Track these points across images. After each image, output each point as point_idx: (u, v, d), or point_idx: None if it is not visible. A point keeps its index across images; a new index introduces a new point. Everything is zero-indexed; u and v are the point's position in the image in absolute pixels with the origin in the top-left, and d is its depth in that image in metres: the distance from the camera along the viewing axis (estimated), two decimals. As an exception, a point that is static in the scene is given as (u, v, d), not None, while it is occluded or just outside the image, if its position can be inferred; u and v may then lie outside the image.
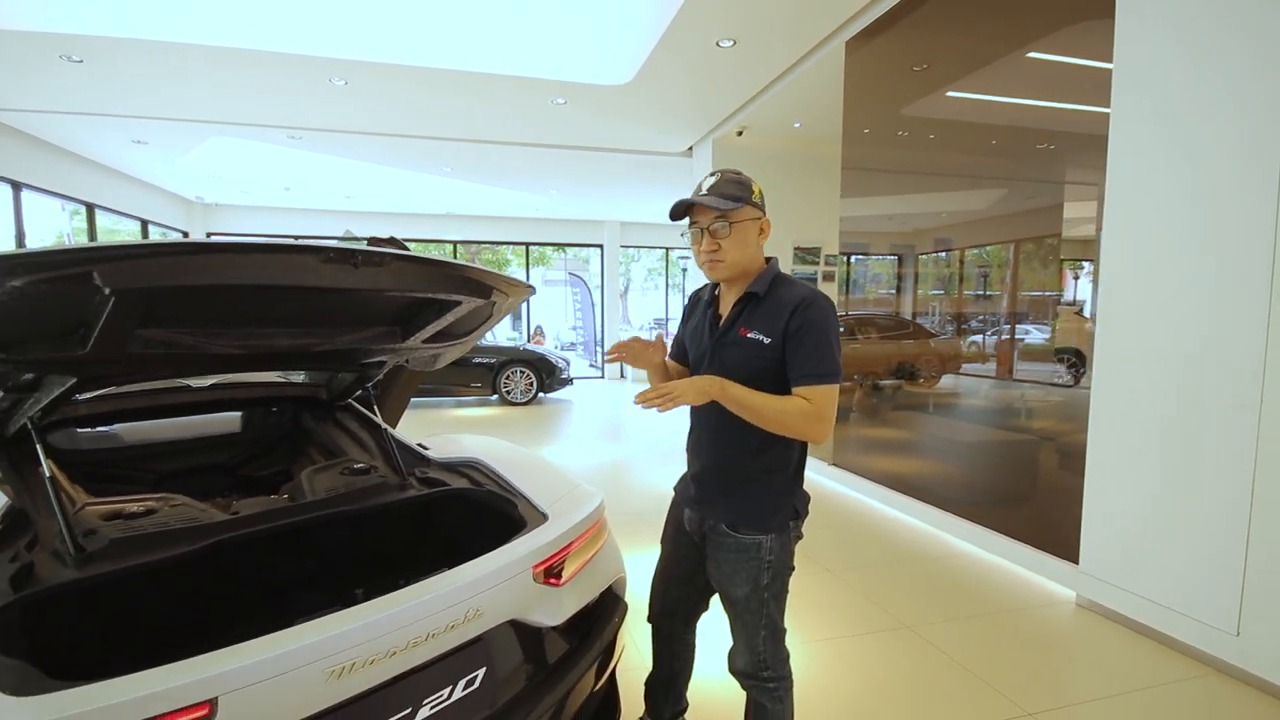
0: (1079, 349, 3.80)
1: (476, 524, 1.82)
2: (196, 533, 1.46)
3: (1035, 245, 4.32)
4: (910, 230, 5.40)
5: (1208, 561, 2.42)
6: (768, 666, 1.58)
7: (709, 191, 1.50)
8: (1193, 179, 2.45)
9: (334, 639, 1.06)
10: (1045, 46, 3.71)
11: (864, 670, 2.40)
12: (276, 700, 1.01)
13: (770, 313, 1.48)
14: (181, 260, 1.09)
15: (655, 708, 1.88)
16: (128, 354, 1.30)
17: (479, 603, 1.29)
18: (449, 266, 1.43)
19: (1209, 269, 2.40)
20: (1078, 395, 3.48)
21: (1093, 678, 2.38)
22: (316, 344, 1.62)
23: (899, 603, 2.95)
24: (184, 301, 1.22)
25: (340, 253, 1.18)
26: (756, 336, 1.48)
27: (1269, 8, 2.21)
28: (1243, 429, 2.29)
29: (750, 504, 1.54)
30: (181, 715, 0.92)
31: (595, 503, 1.76)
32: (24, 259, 0.96)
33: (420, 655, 1.20)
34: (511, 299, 1.67)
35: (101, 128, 6.89)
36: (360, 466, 1.93)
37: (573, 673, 1.49)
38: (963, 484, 4.21)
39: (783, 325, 1.45)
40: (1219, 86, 2.36)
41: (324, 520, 1.66)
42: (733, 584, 1.56)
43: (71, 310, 1.14)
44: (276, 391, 2.34)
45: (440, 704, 1.25)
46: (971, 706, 2.17)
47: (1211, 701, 2.23)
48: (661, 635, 1.84)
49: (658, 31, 4.55)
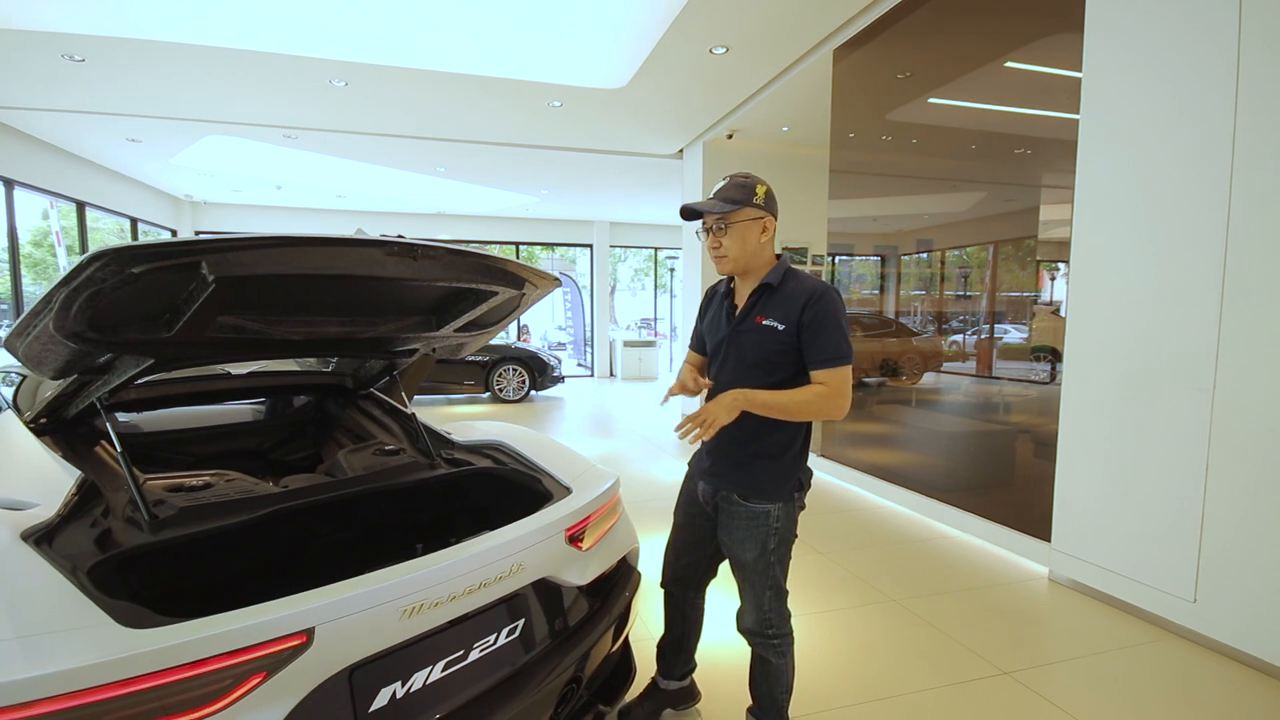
0: (1055, 348, 4.03)
1: (504, 498, 1.97)
2: (255, 503, 1.61)
3: (1014, 247, 4.54)
4: (893, 232, 5.62)
5: (1168, 536, 2.63)
6: (772, 625, 1.75)
7: (714, 196, 1.70)
8: (1154, 182, 2.67)
9: (407, 582, 1.22)
10: (1022, 56, 3.94)
11: (857, 637, 2.59)
12: (360, 633, 1.17)
13: (784, 302, 1.66)
14: (273, 252, 1.23)
15: (666, 667, 2.04)
16: (204, 338, 1.45)
17: (521, 558, 1.46)
18: (490, 259, 1.59)
19: (1169, 265, 2.62)
20: (1053, 391, 3.72)
21: (1062, 642, 2.59)
22: (360, 331, 1.77)
23: (886, 580, 3.15)
24: (262, 290, 1.36)
25: (404, 246, 1.33)
26: (771, 323, 1.65)
27: (1214, 30, 2.43)
28: (1198, 412, 2.51)
29: (759, 476, 1.71)
30: (287, 640, 1.08)
31: (612, 480, 1.92)
32: (147, 250, 1.10)
33: (473, 603, 1.36)
34: (540, 290, 1.82)
35: (96, 126, 6.92)
36: (391, 448, 2.08)
37: (595, 631, 1.65)
38: (945, 472, 4.43)
39: (797, 315, 1.62)
40: (1175, 97, 2.58)
41: (364, 494, 1.81)
42: (743, 548, 1.73)
43: (168, 296, 1.28)
44: (305, 380, 2.47)
45: (488, 649, 1.41)
46: (953, 667, 2.36)
47: (1171, 662, 2.44)
48: (673, 600, 2.00)
49: (654, 37, 4.72)
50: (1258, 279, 2.33)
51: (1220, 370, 2.44)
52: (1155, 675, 2.35)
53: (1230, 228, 2.40)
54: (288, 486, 1.76)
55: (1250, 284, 2.35)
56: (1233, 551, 2.43)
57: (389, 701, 1.23)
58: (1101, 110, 2.89)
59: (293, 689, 1.10)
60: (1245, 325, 2.37)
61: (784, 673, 1.79)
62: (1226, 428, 2.43)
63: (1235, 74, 2.37)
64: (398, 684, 1.25)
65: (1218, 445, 2.46)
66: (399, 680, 1.25)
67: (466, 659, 1.37)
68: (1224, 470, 2.45)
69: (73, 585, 1.15)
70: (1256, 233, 2.33)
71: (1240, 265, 2.37)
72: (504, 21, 4.72)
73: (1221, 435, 2.45)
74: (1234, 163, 2.38)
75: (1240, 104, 2.36)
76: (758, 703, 1.85)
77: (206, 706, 1.03)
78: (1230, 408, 2.42)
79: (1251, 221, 2.34)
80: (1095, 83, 2.92)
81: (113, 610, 1.08)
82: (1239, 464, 2.40)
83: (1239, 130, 2.36)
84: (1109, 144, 2.85)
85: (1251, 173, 2.33)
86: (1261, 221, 2.31)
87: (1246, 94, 2.34)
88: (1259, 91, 2.31)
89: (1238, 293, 2.39)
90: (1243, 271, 2.37)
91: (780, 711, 1.82)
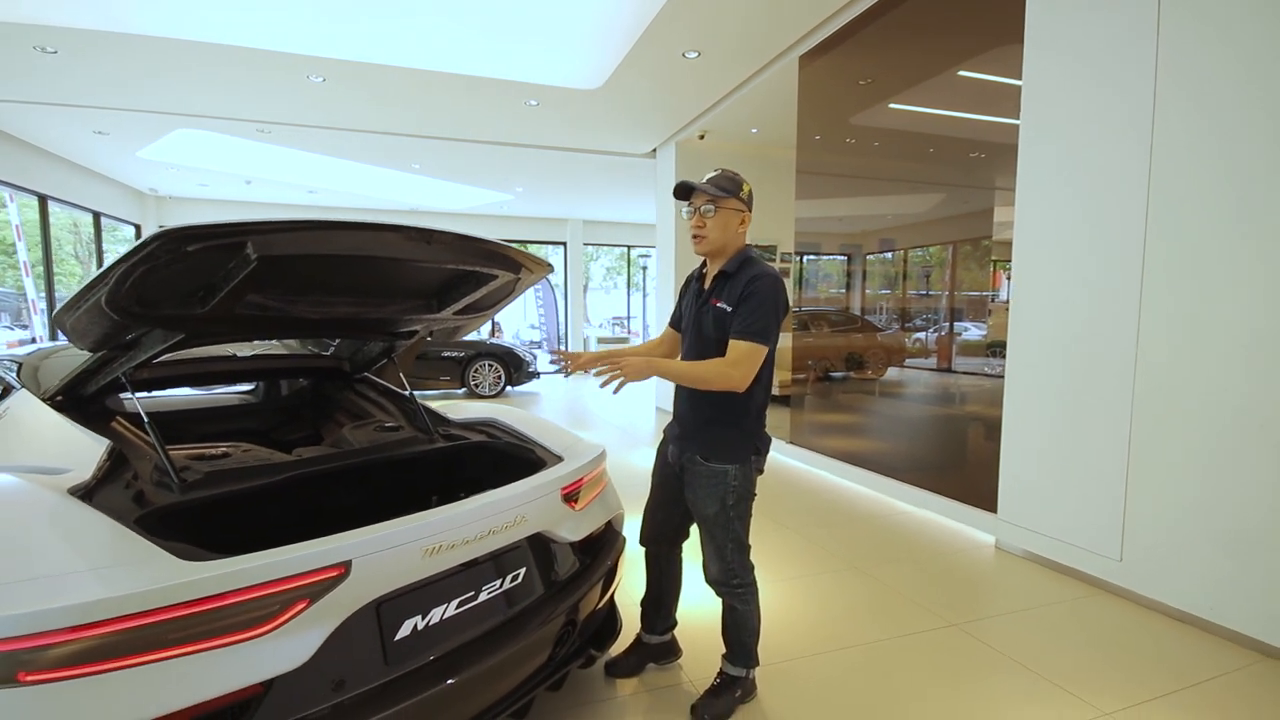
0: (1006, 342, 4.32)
1: (500, 468, 2.14)
2: (273, 469, 1.75)
3: (971, 247, 4.84)
4: (858, 231, 5.90)
5: (1097, 503, 2.92)
6: (735, 575, 1.95)
7: (707, 181, 1.89)
8: (1084, 183, 2.96)
9: (429, 524, 1.40)
10: (973, 66, 4.23)
11: (816, 599, 2.82)
12: (390, 567, 1.34)
13: (733, 286, 1.86)
14: (311, 234, 1.38)
15: (649, 622, 2.23)
16: (231, 314, 1.59)
17: (524, 511, 1.64)
18: (492, 244, 1.76)
19: (1097, 259, 2.91)
20: (1001, 385, 4.02)
21: (1004, 598, 2.86)
22: (368, 312, 1.92)
23: (848, 550, 3.39)
24: (290, 269, 1.50)
25: (420, 231, 1.50)
26: (723, 305, 1.86)
27: (1135, 46, 2.72)
28: (1121, 391, 2.80)
29: (718, 440, 1.90)
30: (327, 572, 1.24)
31: (599, 450, 2.11)
32: (202, 230, 1.24)
33: (483, 548, 1.53)
34: (534, 275, 1.99)
35: (63, 118, 6.83)
36: (391, 425, 2.23)
37: (586, 582, 1.84)
38: (904, 456, 4.72)
39: (738, 294, 1.82)
40: (1101, 105, 2.87)
41: (372, 464, 1.96)
42: (705, 504, 1.92)
43: (208, 274, 1.42)
44: (306, 363, 2.60)
45: (494, 592, 1.59)
46: (905, 621, 2.61)
47: (1100, 613, 2.73)
48: (651, 557, 2.20)
49: (629, 41, 4.91)
50: (1170, 270, 2.62)
51: (1140, 353, 2.74)
52: (1085, 624, 2.63)
53: (1148, 225, 2.69)
54: (302, 456, 1.90)
55: (1163, 275, 2.65)
56: (1152, 514, 2.72)
57: (411, 632, 1.40)
58: (1037, 117, 3.17)
59: (331, 616, 1.27)
60: (1161, 312, 2.66)
61: (749, 618, 2.00)
62: (1146, 404, 2.73)
63: (1153, 87, 2.66)
64: (418, 617, 1.42)
65: (1139, 420, 2.75)
66: (420, 614, 1.42)
67: (476, 600, 1.55)
68: (1144, 443, 2.74)
69: (129, 529, 1.29)
70: (1169, 229, 2.62)
71: (1155, 258, 2.67)
72: (484, 21, 4.86)
73: (1142, 411, 2.74)
74: (1151, 168, 2.67)
75: (1157, 114, 2.65)
76: (729, 647, 2.05)
77: (259, 627, 1.19)
78: (1149, 386, 2.71)
79: (1164, 219, 2.63)
80: (1033, 91, 3.20)
81: (169, 549, 1.23)
82: (1157, 437, 2.69)
83: (1155, 136, 2.65)
84: (1044, 146, 3.14)
85: (1165, 175, 2.63)
86: (1172, 219, 2.61)
87: (1162, 108, 2.63)
88: (1177, 95, 2.60)
89: (1153, 282, 2.68)
90: (1157, 264, 2.66)
91: (748, 653, 2.03)
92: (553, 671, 1.73)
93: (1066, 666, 2.29)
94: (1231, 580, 2.46)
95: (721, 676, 2.05)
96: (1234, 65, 2.42)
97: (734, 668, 2.03)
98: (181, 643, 1.12)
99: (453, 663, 1.44)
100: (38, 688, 1.04)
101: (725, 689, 2.02)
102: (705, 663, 2.23)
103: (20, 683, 1.03)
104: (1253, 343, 2.38)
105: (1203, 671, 2.27)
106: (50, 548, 1.23)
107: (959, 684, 2.19)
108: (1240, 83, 2.39)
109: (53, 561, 1.18)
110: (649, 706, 2.07)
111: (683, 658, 2.29)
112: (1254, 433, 2.38)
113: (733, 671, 2.03)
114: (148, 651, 1.09)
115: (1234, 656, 2.37)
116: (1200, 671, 2.27)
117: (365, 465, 1.96)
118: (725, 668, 2.05)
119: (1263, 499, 2.36)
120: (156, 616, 1.10)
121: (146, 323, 1.50)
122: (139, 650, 1.09)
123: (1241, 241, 2.40)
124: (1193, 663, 2.33)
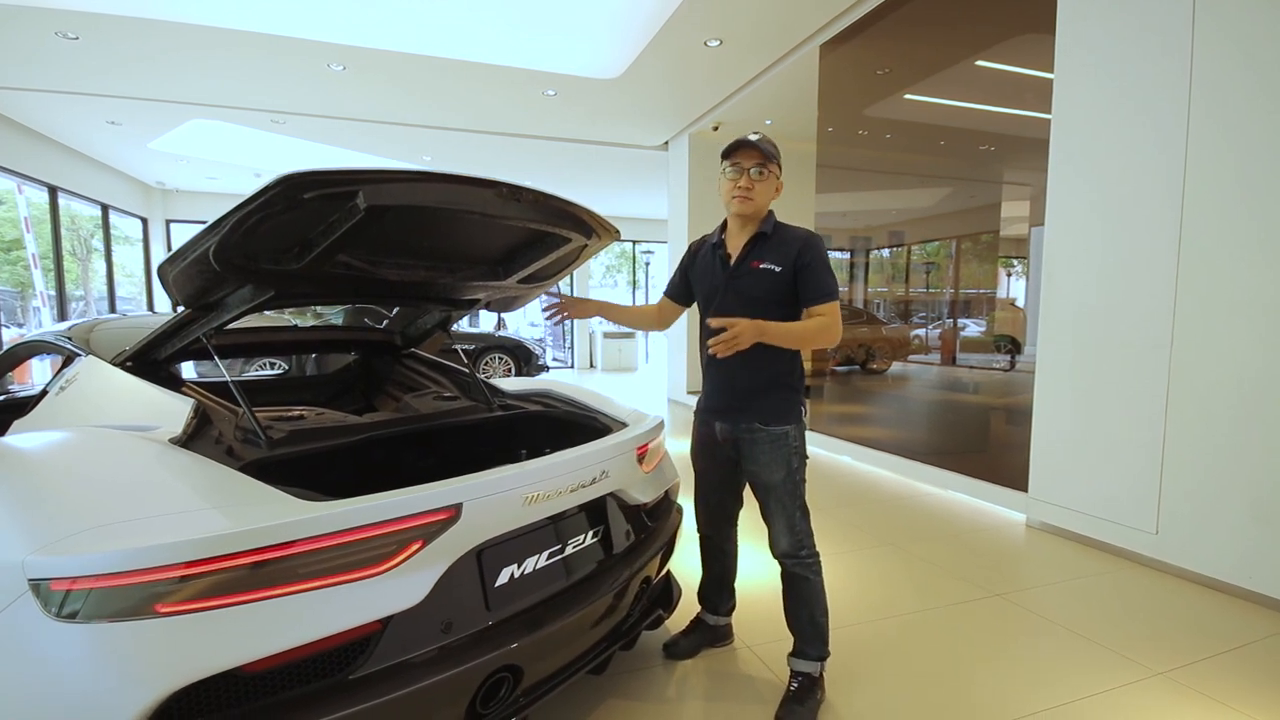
0: (1014, 337, 4.37)
1: (560, 435, 2.17)
2: (349, 430, 1.78)
3: (973, 243, 4.84)
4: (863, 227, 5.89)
5: (1133, 478, 2.97)
6: (804, 545, 1.89)
7: (758, 141, 1.87)
8: (1120, 166, 3.00)
9: (530, 472, 1.44)
10: (992, 56, 4.26)
11: (857, 574, 2.86)
12: (495, 511, 1.37)
13: (778, 248, 1.86)
14: (415, 186, 1.40)
15: (712, 604, 2.20)
16: (321, 273, 1.61)
17: (606, 466, 1.67)
18: (573, 205, 1.78)
19: (1133, 238, 2.95)
20: (1016, 375, 4.11)
21: (1042, 571, 2.91)
22: (439, 277, 1.94)
23: (880, 529, 3.43)
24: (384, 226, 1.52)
25: (511, 188, 1.52)
26: (769, 267, 1.84)
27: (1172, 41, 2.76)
28: (1156, 365, 2.85)
29: (775, 403, 1.88)
30: (441, 514, 1.27)
31: (658, 419, 2.14)
32: (318, 176, 1.25)
33: (570, 501, 1.56)
34: (603, 241, 2.01)
35: (77, 107, 6.81)
36: (450, 395, 2.26)
37: (656, 543, 1.87)
38: (928, 442, 4.77)
39: (793, 259, 1.83)
40: (1137, 92, 2.92)
41: (437, 429, 1.99)
42: (770, 471, 1.86)
43: (309, 227, 1.44)
44: (359, 336, 2.62)
45: (578, 546, 1.63)
46: (949, 592, 2.65)
47: (1139, 583, 2.77)
48: (711, 541, 2.15)
49: (653, 27, 4.94)
50: (1207, 248, 2.67)
51: (1176, 330, 2.79)
52: (1124, 594, 2.68)
53: (1184, 207, 2.73)
54: (373, 420, 1.93)
55: (1201, 254, 2.69)
56: (1187, 488, 2.77)
57: (509, 580, 1.43)
58: (1070, 102, 3.22)
59: (442, 558, 1.30)
60: (1198, 291, 2.71)
61: (820, 592, 1.89)
62: (1181, 381, 2.77)
63: (1189, 76, 2.71)
64: (514, 565, 1.45)
65: (1175, 395, 2.80)
66: (515, 563, 1.45)
67: (564, 553, 1.58)
68: (1181, 416, 2.79)
69: (241, 474, 1.31)
70: (1205, 210, 2.67)
71: (1193, 238, 2.71)
72: (509, 8, 4.87)
73: (1178, 386, 2.79)
74: (1187, 150, 2.72)
75: (1193, 98, 2.70)
76: (799, 635, 1.91)
77: (377, 565, 1.22)
78: (1184, 362, 2.76)
79: (1201, 199, 2.68)
80: (1066, 78, 3.24)
81: (287, 491, 1.26)
82: (1191, 412, 2.74)
83: (1192, 120, 2.70)
84: (1078, 133, 3.18)
85: (1201, 154, 2.67)
86: (1210, 202, 2.66)
87: (1199, 91, 2.68)
88: (1210, 88, 2.65)
89: (1191, 262, 2.73)
90: (1195, 242, 2.71)
91: (822, 635, 1.90)
92: (630, 629, 1.76)
93: (1112, 632, 2.33)
94: (1269, 547, 2.51)
95: (799, 679, 1.89)
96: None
97: (807, 662, 1.90)
98: (307, 578, 1.14)
99: (546, 613, 1.47)
100: (173, 619, 1.06)
101: (807, 694, 1.86)
102: (756, 649, 2.26)
103: (156, 614, 1.05)
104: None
105: (1244, 635, 2.32)
106: (172, 489, 1.25)
107: (1011, 648, 2.23)
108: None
109: (178, 500, 1.21)
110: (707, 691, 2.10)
111: (735, 643, 2.25)
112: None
113: (807, 668, 1.90)
114: (276, 585, 1.12)
115: (1275, 621, 2.42)
116: (1241, 635, 2.32)
117: (431, 431, 1.98)
118: (799, 666, 1.91)
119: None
120: (286, 550, 1.13)
121: (245, 277, 1.52)
122: (268, 584, 1.11)
123: (1277, 222, 2.45)
124: (1234, 628, 2.38)
